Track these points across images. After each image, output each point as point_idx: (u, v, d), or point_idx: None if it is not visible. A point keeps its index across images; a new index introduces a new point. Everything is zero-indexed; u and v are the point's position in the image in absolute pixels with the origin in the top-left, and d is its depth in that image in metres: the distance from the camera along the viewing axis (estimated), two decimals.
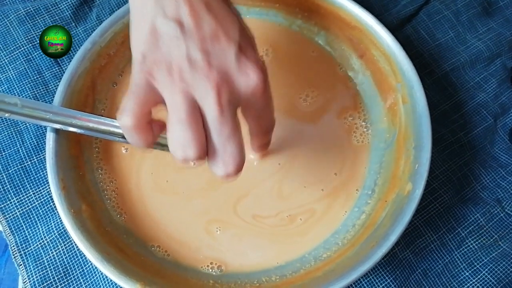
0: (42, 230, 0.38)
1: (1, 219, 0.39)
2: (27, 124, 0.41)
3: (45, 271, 0.37)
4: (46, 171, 0.34)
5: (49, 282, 0.37)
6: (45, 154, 0.35)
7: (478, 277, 0.37)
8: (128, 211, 0.37)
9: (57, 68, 0.43)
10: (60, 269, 0.38)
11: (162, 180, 0.38)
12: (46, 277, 0.37)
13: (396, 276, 0.37)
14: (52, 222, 0.39)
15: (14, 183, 0.40)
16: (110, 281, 0.37)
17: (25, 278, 0.37)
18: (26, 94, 0.42)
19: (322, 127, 0.39)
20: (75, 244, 0.33)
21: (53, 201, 0.35)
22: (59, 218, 0.37)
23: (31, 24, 0.44)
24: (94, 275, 0.38)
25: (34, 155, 0.41)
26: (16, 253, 0.38)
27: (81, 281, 0.37)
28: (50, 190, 0.34)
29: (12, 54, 0.43)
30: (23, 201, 0.39)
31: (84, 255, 0.37)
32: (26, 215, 0.39)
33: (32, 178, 0.40)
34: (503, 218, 0.39)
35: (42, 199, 0.39)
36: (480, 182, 0.40)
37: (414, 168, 0.34)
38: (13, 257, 0.38)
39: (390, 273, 0.37)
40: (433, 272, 0.37)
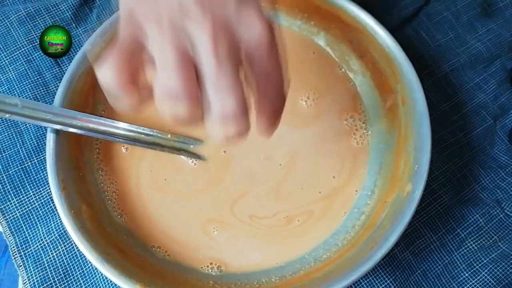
0: (42, 231, 0.39)
1: (1, 220, 0.39)
2: (28, 125, 0.41)
3: (45, 272, 0.37)
4: (47, 172, 0.34)
5: (49, 283, 0.37)
6: (45, 155, 0.35)
7: (478, 278, 0.37)
8: (128, 212, 0.37)
9: (57, 69, 0.43)
10: (60, 270, 0.38)
11: (160, 178, 0.38)
12: (46, 278, 0.37)
13: (395, 277, 0.37)
14: (52, 223, 0.39)
15: (14, 184, 0.40)
16: (110, 281, 0.37)
17: (25, 279, 0.37)
18: (27, 95, 0.42)
19: (322, 129, 0.39)
20: (75, 245, 0.33)
21: (53, 202, 0.35)
22: (59, 219, 0.37)
23: (32, 25, 0.44)
24: (94, 276, 0.38)
25: (34, 156, 0.41)
26: (16, 254, 0.38)
27: (81, 281, 0.37)
28: (50, 191, 0.34)
29: (12, 55, 0.43)
30: (23, 202, 0.39)
31: (84, 256, 0.37)
32: (26, 216, 0.39)
33: (32, 179, 0.40)
34: (503, 219, 0.39)
35: (42, 200, 0.39)
36: (479, 183, 0.40)
37: (413, 169, 0.34)
38: (13, 258, 0.38)
39: (390, 274, 0.37)
40: (432, 273, 0.38)
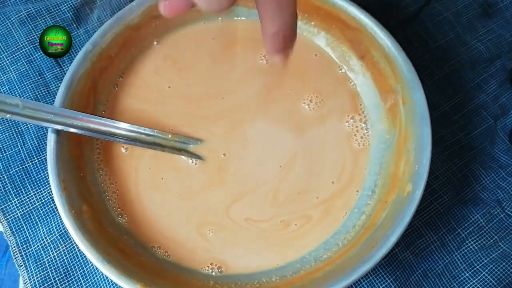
0: (43, 230, 0.39)
1: (2, 220, 0.39)
2: (28, 125, 0.42)
3: (45, 272, 0.37)
4: (47, 172, 0.34)
5: (49, 282, 0.37)
6: (46, 155, 0.35)
7: (478, 277, 0.37)
8: (128, 212, 0.37)
9: (58, 69, 0.43)
10: (60, 269, 0.38)
11: (159, 178, 0.38)
12: (47, 277, 0.37)
13: (396, 276, 0.37)
14: (53, 222, 0.39)
15: (15, 184, 0.40)
16: (111, 281, 0.37)
17: (25, 279, 0.37)
18: (27, 95, 0.42)
19: (323, 130, 0.39)
20: (76, 244, 0.33)
21: (54, 202, 0.35)
22: (60, 219, 0.37)
23: (33, 25, 0.44)
24: (94, 276, 0.38)
25: (35, 156, 0.41)
26: (17, 253, 0.38)
27: (81, 281, 0.37)
28: (51, 191, 0.34)
29: (13, 55, 0.43)
30: (24, 202, 0.39)
31: (84, 256, 0.37)
32: (27, 216, 0.39)
33: (33, 179, 0.40)
34: (503, 219, 0.39)
35: (43, 200, 0.39)
36: (480, 183, 0.40)
37: (414, 169, 0.34)
38: (14, 257, 0.38)
39: (390, 273, 0.37)
40: (433, 272, 0.38)
